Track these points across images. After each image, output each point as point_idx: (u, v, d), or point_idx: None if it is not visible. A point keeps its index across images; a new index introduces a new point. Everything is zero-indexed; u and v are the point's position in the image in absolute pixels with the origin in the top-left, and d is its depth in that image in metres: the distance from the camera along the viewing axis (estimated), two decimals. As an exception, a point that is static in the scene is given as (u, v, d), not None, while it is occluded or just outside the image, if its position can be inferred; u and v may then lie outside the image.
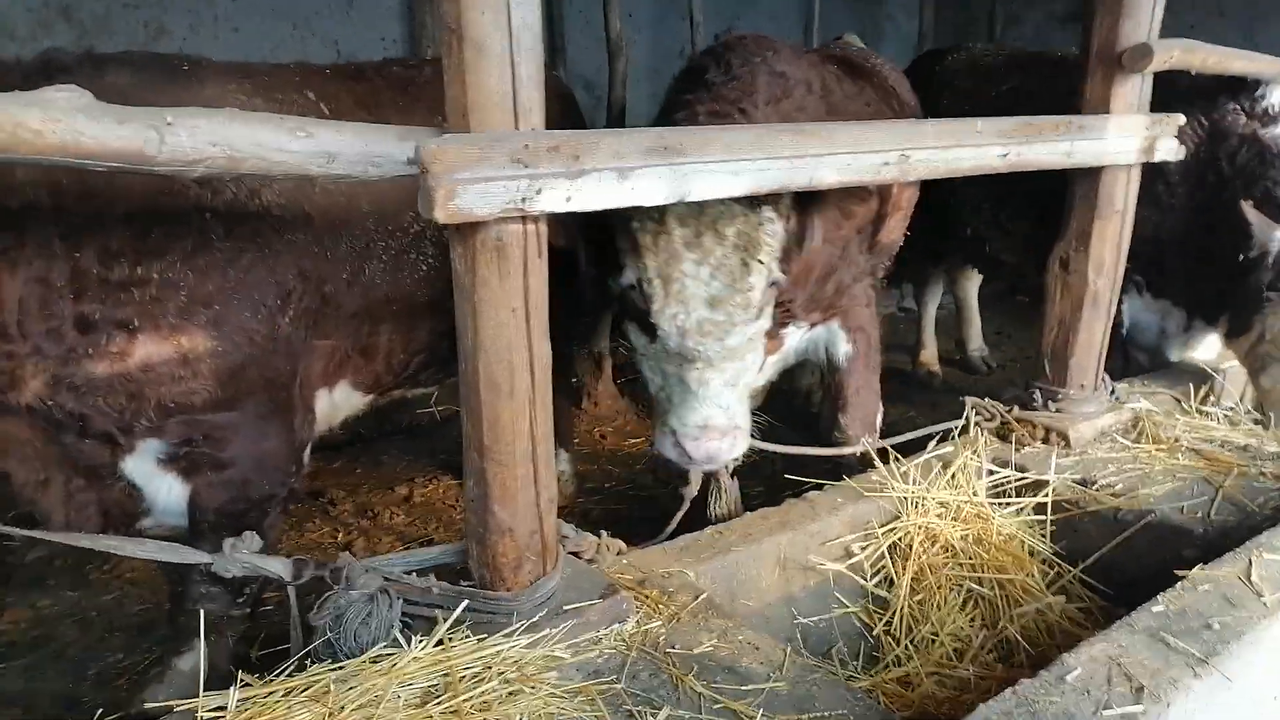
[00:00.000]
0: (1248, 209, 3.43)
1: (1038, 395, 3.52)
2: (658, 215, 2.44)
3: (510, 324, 2.00)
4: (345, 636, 2.15)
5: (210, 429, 2.58)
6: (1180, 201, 3.94)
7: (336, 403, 3.08)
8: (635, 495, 4.87)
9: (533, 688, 1.97)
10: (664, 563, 2.61)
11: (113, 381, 2.40)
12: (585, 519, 4.54)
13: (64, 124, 1.60)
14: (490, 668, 2.01)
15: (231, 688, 1.92)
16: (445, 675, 1.98)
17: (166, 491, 2.66)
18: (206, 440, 2.59)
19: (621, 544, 2.67)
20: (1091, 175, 3.23)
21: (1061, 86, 3.51)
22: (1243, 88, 3.90)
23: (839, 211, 2.72)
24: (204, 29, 6.62)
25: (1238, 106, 3.93)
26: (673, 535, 2.91)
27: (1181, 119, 3.27)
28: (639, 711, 1.97)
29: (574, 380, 5.49)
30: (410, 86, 3.23)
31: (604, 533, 2.68)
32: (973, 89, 5.07)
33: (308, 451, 2.96)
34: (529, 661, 2.06)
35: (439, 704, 1.90)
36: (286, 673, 2.04)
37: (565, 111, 3.76)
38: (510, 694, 1.95)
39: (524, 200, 1.86)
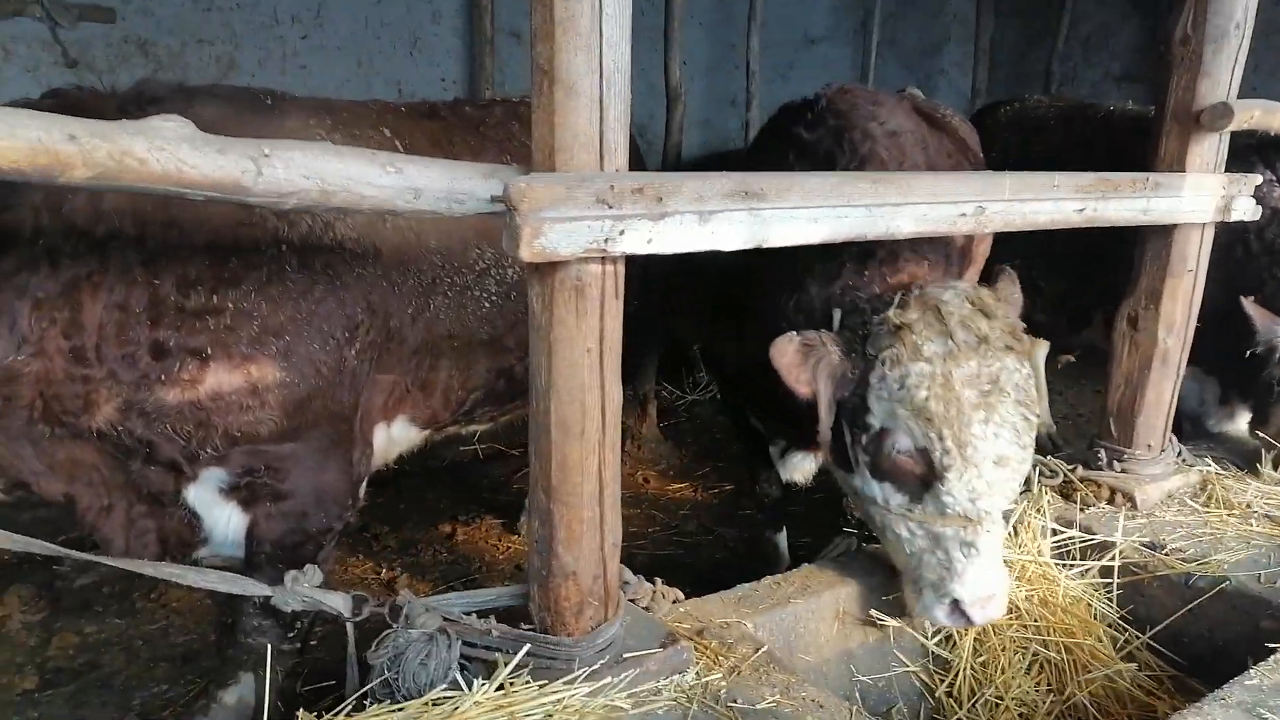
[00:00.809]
0: (1248, 305, 3.37)
1: (1102, 454, 3.44)
2: (944, 380, 2.35)
3: (584, 364, 1.99)
4: (404, 677, 2.13)
5: (273, 459, 2.58)
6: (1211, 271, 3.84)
7: (394, 438, 3.08)
8: (680, 542, 4.82)
9: (603, 736, 1.92)
10: (721, 613, 2.56)
11: (182, 408, 2.42)
12: (630, 564, 4.46)
13: (168, 153, 1.62)
14: (551, 716, 1.97)
15: (294, 724, 1.89)
16: (508, 720, 1.94)
17: (225, 522, 2.66)
18: (268, 471, 2.59)
19: (678, 592, 2.62)
20: (1164, 233, 3.18)
21: (1108, 141, 3.44)
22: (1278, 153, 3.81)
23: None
24: (272, 64, 6.80)
25: (1273, 176, 3.81)
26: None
27: (1259, 179, 3.21)
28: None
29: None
30: (481, 126, 3.27)
31: (658, 580, 2.64)
32: (1019, 143, 5.02)
33: (364, 486, 2.96)
34: (590, 711, 2.01)
35: (502, 750, 1.86)
36: (344, 712, 2.02)
37: (630, 156, 3.78)
38: (576, 743, 1.91)
39: (606, 240, 1.85)
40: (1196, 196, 3.00)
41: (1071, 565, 2.96)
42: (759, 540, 3.95)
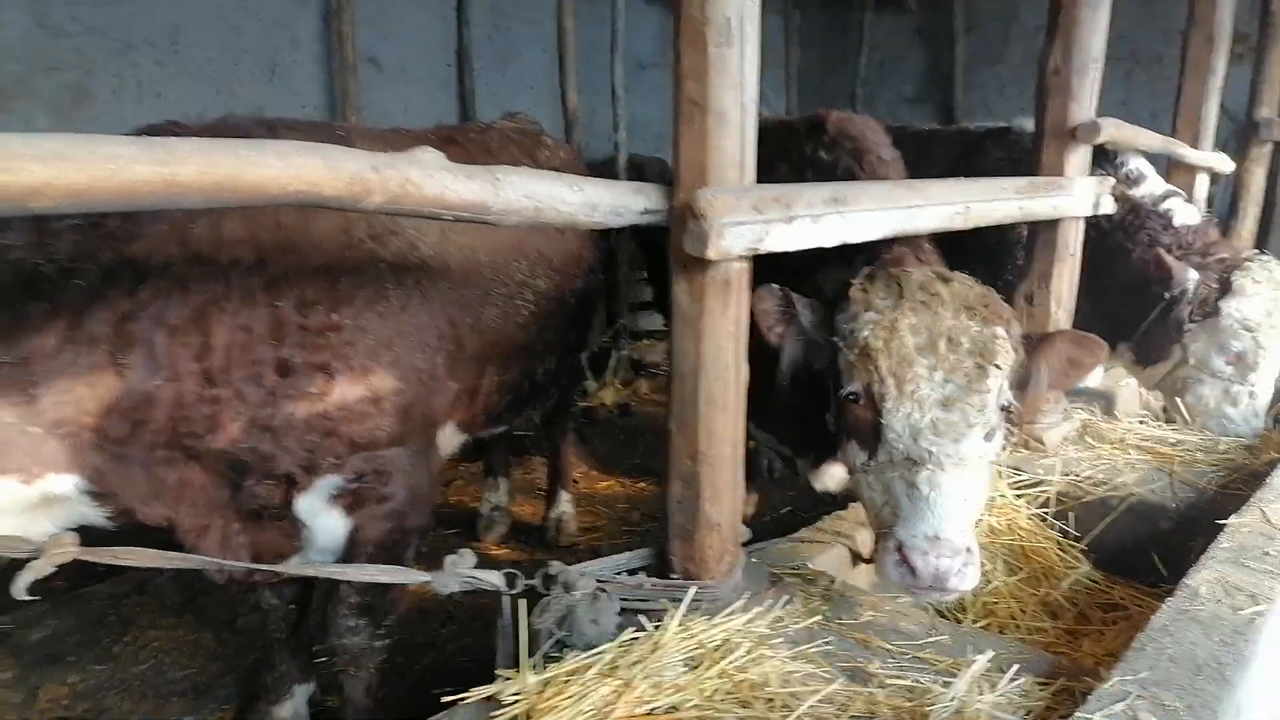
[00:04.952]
0: (1166, 256, 4.25)
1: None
2: (888, 325, 2.47)
3: (728, 347, 2.39)
4: (576, 634, 2.41)
5: (381, 464, 2.76)
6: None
7: (445, 442, 3.29)
8: (632, 530, 5.19)
9: (770, 651, 2.32)
10: (786, 556, 3.00)
11: (310, 421, 2.57)
12: (596, 553, 4.81)
13: (435, 179, 1.89)
14: (727, 640, 2.34)
15: (522, 672, 2.16)
16: (697, 648, 2.29)
17: (330, 527, 2.79)
18: (375, 475, 2.76)
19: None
20: (1051, 226, 3.96)
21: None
22: (1105, 157, 4.78)
23: (1069, 362, 2.72)
24: (127, 93, 6.57)
25: (1107, 172, 4.80)
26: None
27: (1113, 181, 4.07)
28: (856, 665, 2.35)
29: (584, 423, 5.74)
30: (489, 151, 3.55)
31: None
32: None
33: (434, 487, 3.16)
34: (748, 634, 2.40)
35: (706, 669, 2.22)
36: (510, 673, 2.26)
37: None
38: (753, 659, 2.29)
39: (758, 241, 2.27)
40: (1082, 196, 3.79)
41: (1021, 495, 3.65)
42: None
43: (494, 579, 2.51)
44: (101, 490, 2.47)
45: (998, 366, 2.47)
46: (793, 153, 3.29)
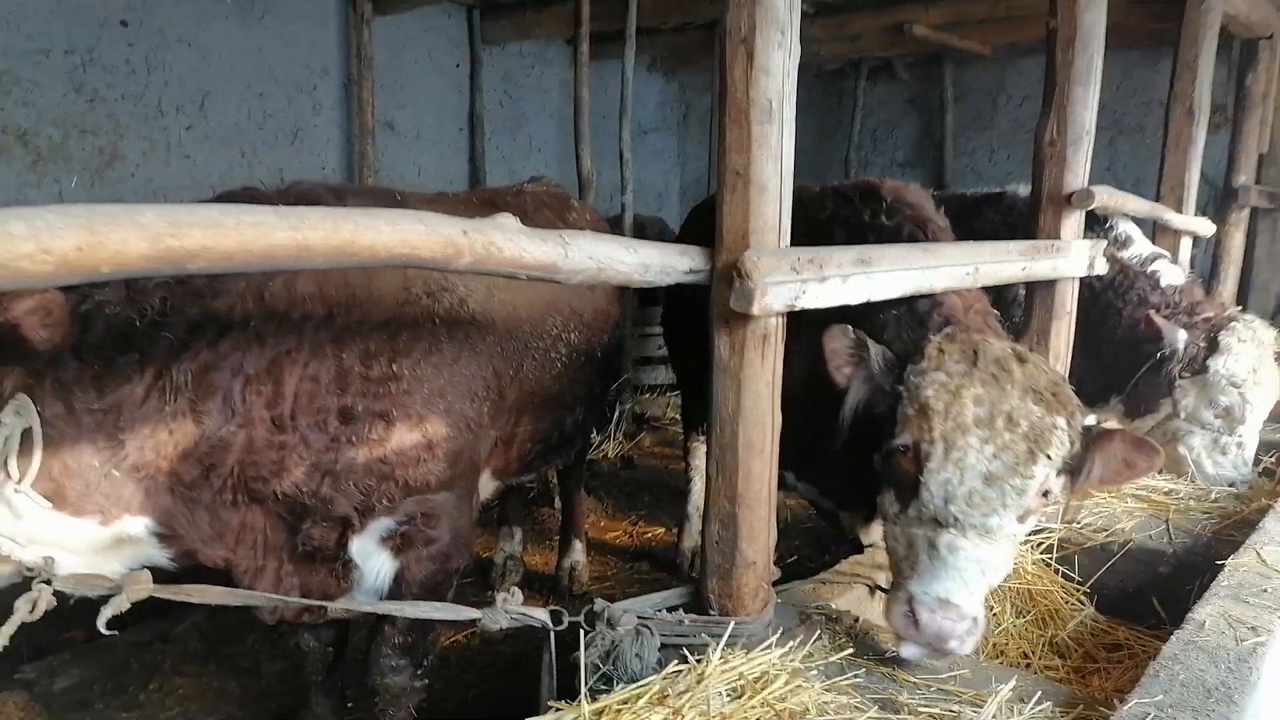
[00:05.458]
0: (1157, 318, 4.51)
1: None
2: (953, 390, 2.55)
3: (765, 395, 2.58)
4: (620, 668, 2.56)
5: (430, 507, 2.92)
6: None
7: (481, 488, 3.45)
8: (643, 579, 5.33)
9: (805, 683, 2.47)
10: (809, 597, 3.16)
11: (370, 465, 2.74)
12: (611, 599, 4.93)
13: (514, 243, 2.09)
14: (766, 672, 2.49)
15: (580, 700, 2.31)
16: (738, 680, 2.45)
17: (378, 568, 2.95)
18: (424, 518, 2.93)
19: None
20: (1048, 286, 4.20)
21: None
22: (1095, 220, 5.06)
23: (1124, 462, 2.70)
24: (156, 155, 6.81)
25: (1097, 234, 5.07)
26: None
27: (1105, 243, 4.33)
28: (887, 697, 2.50)
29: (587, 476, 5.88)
30: (525, 213, 3.75)
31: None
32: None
33: (473, 531, 3.32)
34: (784, 668, 2.55)
35: (748, 699, 2.37)
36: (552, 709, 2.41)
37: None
38: (791, 690, 2.44)
39: (795, 298, 2.48)
40: (1078, 257, 4.04)
41: (1027, 541, 3.82)
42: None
43: (541, 615, 2.67)
44: (169, 532, 2.62)
45: (1048, 456, 2.52)
46: (849, 219, 3.45)
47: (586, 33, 6.53)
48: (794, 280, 2.46)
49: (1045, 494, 2.59)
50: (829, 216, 3.38)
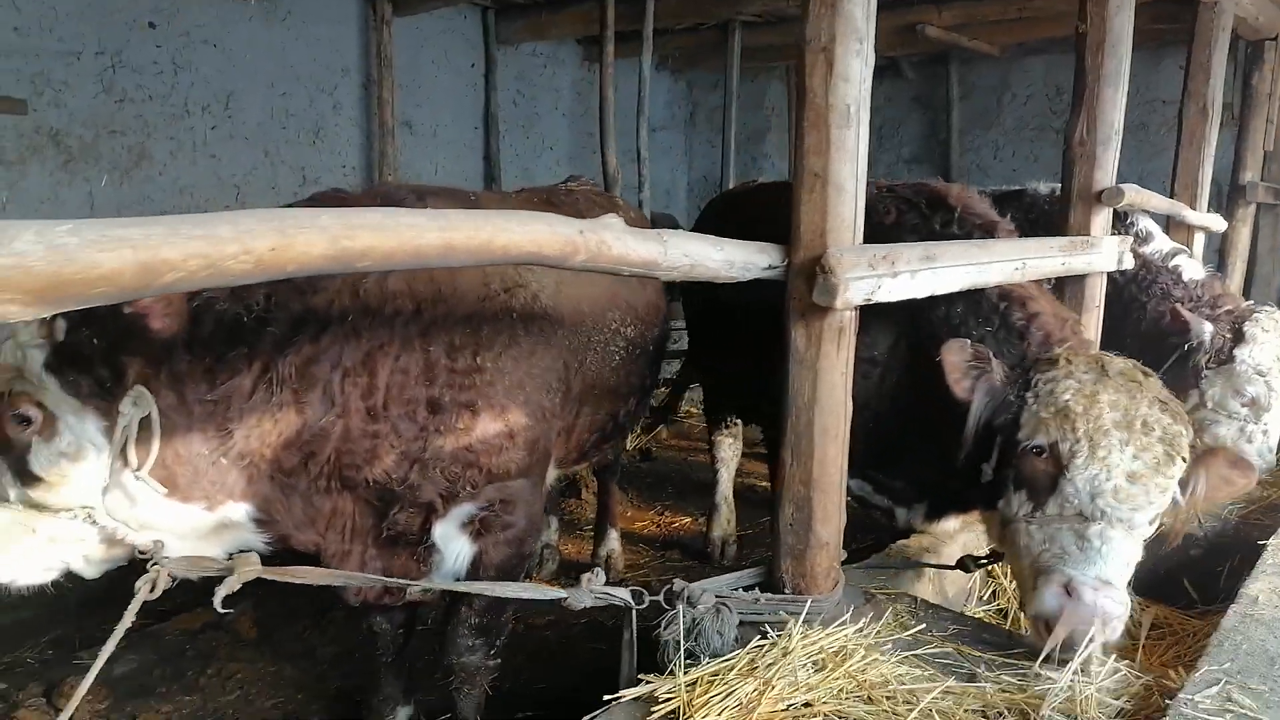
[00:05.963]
0: (1183, 311, 4.67)
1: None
2: (1090, 394, 2.66)
3: (840, 384, 2.71)
4: (702, 644, 2.69)
5: (509, 493, 3.04)
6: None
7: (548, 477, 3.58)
8: (675, 566, 5.46)
9: (883, 656, 2.61)
10: (865, 578, 3.30)
11: (455, 453, 2.85)
12: (649, 589, 5.06)
13: (621, 241, 2.21)
14: (844, 647, 2.63)
15: (678, 672, 2.44)
16: (819, 654, 2.58)
17: (457, 552, 3.06)
18: (502, 504, 3.04)
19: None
20: (1079, 280, 4.34)
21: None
22: (1117, 217, 5.23)
23: (1222, 479, 2.80)
24: (183, 154, 6.89)
25: (1119, 231, 5.25)
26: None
27: (1131, 239, 4.49)
28: (959, 668, 2.64)
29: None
30: (579, 212, 3.87)
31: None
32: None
33: (540, 516, 3.44)
34: (860, 643, 2.69)
35: (831, 671, 2.50)
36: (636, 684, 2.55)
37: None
38: (869, 663, 2.58)
39: (872, 292, 2.61)
40: (1109, 253, 4.19)
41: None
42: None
43: (624, 594, 2.79)
44: (266, 517, 2.74)
45: (1184, 460, 2.65)
46: (919, 228, 3.55)
47: (612, 34, 6.64)
48: (871, 275, 2.59)
49: (1173, 498, 2.70)
50: (894, 222, 3.49)
